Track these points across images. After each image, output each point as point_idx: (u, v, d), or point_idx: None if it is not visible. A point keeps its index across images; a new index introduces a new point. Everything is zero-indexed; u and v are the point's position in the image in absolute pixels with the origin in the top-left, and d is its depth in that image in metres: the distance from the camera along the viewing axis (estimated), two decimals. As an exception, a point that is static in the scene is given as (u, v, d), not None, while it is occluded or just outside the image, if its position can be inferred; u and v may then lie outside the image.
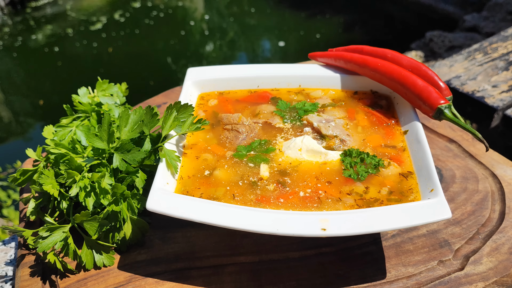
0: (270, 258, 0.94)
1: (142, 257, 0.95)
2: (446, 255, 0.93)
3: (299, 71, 1.21)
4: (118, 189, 0.89)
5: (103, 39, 6.26)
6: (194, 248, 0.97)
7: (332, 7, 6.64)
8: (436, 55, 4.06)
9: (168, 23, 6.75)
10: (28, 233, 0.93)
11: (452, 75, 1.95)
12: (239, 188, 0.91)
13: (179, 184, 0.93)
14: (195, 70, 1.22)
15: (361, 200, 0.87)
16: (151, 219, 1.01)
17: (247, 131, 1.04)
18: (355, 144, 1.01)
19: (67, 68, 5.69)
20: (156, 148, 0.98)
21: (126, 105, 1.20)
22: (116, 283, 0.90)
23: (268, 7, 6.97)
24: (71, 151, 0.96)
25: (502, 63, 1.95)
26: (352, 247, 0.96)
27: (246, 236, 0.98)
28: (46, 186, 0.91)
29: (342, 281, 0.89)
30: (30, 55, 6.01)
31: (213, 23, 6.77)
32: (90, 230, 0.89)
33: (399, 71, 1.05)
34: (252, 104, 1.15)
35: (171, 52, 5.98)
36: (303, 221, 0.79)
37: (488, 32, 4.08)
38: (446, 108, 0.97)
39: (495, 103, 1.76)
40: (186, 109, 0.97)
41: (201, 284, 0.90)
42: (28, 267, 0.95)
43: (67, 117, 1.09)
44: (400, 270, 0.91)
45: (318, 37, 5.94)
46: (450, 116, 0.97)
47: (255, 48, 6.23)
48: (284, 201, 0.88)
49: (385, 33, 5.90)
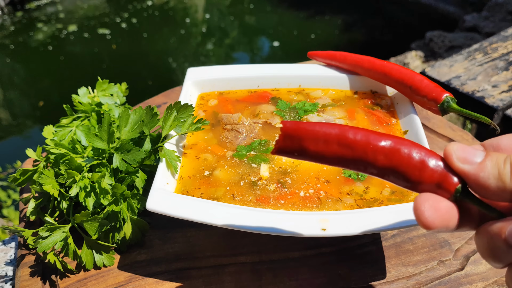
0: (270, 258, 0.94)
1: (142, 257, 0.95)
2: (446, 255, 0.93)
3: (299, 71, 1.21)
4: (118, 189, 0.89)
5: (103, 39, 6.26)
6: (194, 248, 0.97)
7: (332, 7, 6.64)
8: (436, 55, 4.06)
9: (168, 23, 6.75)
10: (28, 233, 0.93)
11: (452, 75, 1.96)
12: (239, 188, 0.91)
13: (179, 184, 0.93)
14: (195, 70, 1.22)
15: (361, 200, 0.87)
16: (151, 219, 1.01)
17: (247, 131, 1.04)
18: (355, 144, 1.01)
19: (67, 68, 5.69)
20: (156, 148, 0.98)
21: (126, 105, 1.20)
22: (116, 283, 0.90)
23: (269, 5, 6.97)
24: (71, 151, 0.96)
25: (502, 63, 1.95)
26: (352, 247, 0.96)
27: (246, 236, 0.98)
28: (46, 186, 0.91)
29: (342, 281, 0.89)
30: (30, 55, 6.01)
31: (213, 22, 6.77)
32: (90, 230, 0.89)
33: (402, 69, 1.07)
34: (252, 104, 1.15)
35: (171, 52, 5.98)
36: (303, 221, 0.79)
37: (488, 32, 4.08)
38: (452, 99, 0.97)
39: (495, 103, 1.76)
40: (186, 109, 0.97)
41: (201, 284, 0.90)
42: (28, 267, 0.95)
43: (67, 117, 1.09)
44: (400, 270, 0.91)
45: (318, 37, 5.94)
46: (456, 107, 0.97)
47: (256, 48, 6.23)
48: (284, 201, 0.88)
49: (385, 33, 5.91)
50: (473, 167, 0.47)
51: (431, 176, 0.48)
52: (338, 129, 0.52)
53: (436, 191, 0.49)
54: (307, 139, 0.52)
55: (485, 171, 0.46)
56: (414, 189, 0.51)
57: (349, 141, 0.51)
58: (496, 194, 0.45)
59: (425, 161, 0.49)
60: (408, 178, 0.50)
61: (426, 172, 0.49)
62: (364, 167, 0.51)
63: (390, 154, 0.50)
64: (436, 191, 0.49)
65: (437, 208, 0.47)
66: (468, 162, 0.47)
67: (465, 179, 0.48)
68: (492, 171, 0.45)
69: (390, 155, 0.50)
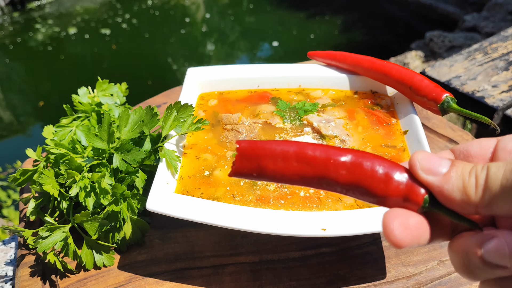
0: (270, 258, 0.94)
1: (142, 257, 0.95)
2: (446, 255, 0.93)
3: (299, 71, 1.21)
4: (118, 189, 0.89)
5: (103, 39, 6.27)
6: (194, 248, 0.97)
7: (332, 7, 6.64)
8: (436, 55, 4.06)
9: (168, 22, 6.75)
10: (28, 233, 0.93)
11: (452, 75, 1.96)
12: (239, 188, 0.91)
13: (179, 184, 0.93)
14: (195, 70, 1.22)
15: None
16: (151, 219, 1.01)
17: (247, 131, 1.04)
18: (355, 144, 1.01)
19: (67, 68, 5.69)
20: (156, 148, 0.98)
21: (126, 105, 1.20)
22: (116, 283, 0.90)
23: (269, 5, 6.97)
24: (71, 151, 0.96)
25: (502, 63, 1.95)
26: (352, 247, 0.96)
27: (246, 236, 0.98)
28: (46, 186, 0.91)
29: (342, 281, 0.89)
30: (30, 55, 6.01)
31: (213, 22, 6.77)
32: (90, 230, 0.89)
33: (402, 69, 1.07)
34: (252, 104, 1.15)
35: (171, 52, 5.98)
36: (303, 221, 0.79)
37: (488, 32, 4.08)
38: (452, 99, 0.97)
39: (495, 103, 1.76)
40: (186, 109, 0.97)
41: (201, 284, 0.90)
42: (28, 267, 0.95)
43: (67, 117, 1.09)
44: (400, 270, 0.91)
45: (318, 37, 5.94)
46: (456, 107, 0.97)
47: (255, 48, 6.23)
48: (284, 201, 0.88)
49: (385, 33, 5.91)
50: (438, 178, 0.43)
51: (397, 189, 0.46)
52: (296, 146, 0.49)
53: (404, 204, 0.46)
54: (265, 158, 0.49)
55: (449, 183, 0.43)
56: (381, 204, 0.48)
57: (308, 157, 0.48)
58: (461, 207, 0.42)
59: (389, 173, 0.46)
60: (373, 193, 0.47)
61: (391, 185, 0.46)
62: (326, 184, 0.49)
63: (352, 168, 0.47)
64: (403, 204, 0.46)
65: (407, 226, 0.44)
66: (433, 173, 0.44)
67: (431, 191, 0.45)
68: (457, 183, 0.42)
69: (353, 169, 0.47)
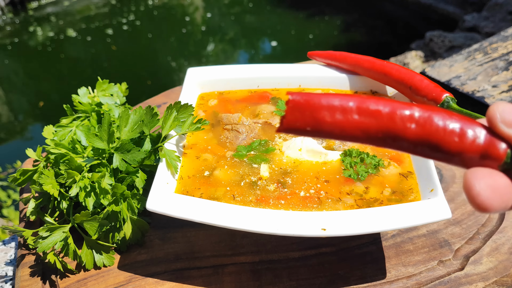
0: (270, 258, 0.94)
1: (142, 257, 0.95)
2: (446, 255, 0.93)
3: (299, 71, 1.21)
4: (118, 189, 0.89)
5: (104, 39, 6.26)
6: (194, 248, 0.97)
7: (332, 7, 6.64)
8: (436, 55, 4.06)
9: (168, 22, 6.75)
10: (28, 233, 0.93)
11: (452, 75, 1.96)
12: (239, 188, 0.91)
13: (179, 184, 0.93)
14: (195, 70, 1.22)
15: (361, 200, 0.87)
16: (151, 219, 1.01)
17: (247, 131, 1.04)
18: (355, 144, 1.01)
19: (67, 68, 5.69)
20: (156, 148, 0.98)
21: (126, 105, 1.20)
22: (116, 283, 0.90)
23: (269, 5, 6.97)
24: (71, 151, 0.96)
25: (502, 63, 1.95)
26: (352, 247, 0.96)
27: (246, 236, 0.98)
28: (46, 186, 0.91)
29: (342, 281, 0.89)
30: (30, 55, 6.01)
31: (213, 22, 6.77)
32: (90, 230, 0.89)
33: (402, 69, 1.07)
34: (252, 104, 1.15)
35: (171, 52, 5.98)
36: (303, 221, 0.79)
37: (488, 32, 4.08)
38: (452, 99, 0.97)
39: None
40: (186, 109, 0.97)
41: (201, 284, 0.90)
42: (28, 267, 0.95)
43: (67, 117, 1.09)
44: (400, 270, 0.91)
45: (318, 37, 5.94)
46: (456, 107, 0.97)
47: (255, 48, 6.23)
48: (284, 201, 0.88)
49: (385, 33, 5.91)
50: None
51: (473, 144, 0.41)
52: (356, 98, 0.44)
53: (481, 162, 0.41)
54: (321, 110, 0.43)
55: None
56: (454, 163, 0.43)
57: (371, 110, 0.43)
58: None
59: (464, 127, 0.41)
60: (446, 149, 0.42)
61: (466, 140, 0.41)
62: (392, 140, 0.43)
63: (422, 121, 0.42)
64: (481, 162, 0.41)
65: (495, 188, 0.38)
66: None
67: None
68: None
69: (422, 123, 0.42)
